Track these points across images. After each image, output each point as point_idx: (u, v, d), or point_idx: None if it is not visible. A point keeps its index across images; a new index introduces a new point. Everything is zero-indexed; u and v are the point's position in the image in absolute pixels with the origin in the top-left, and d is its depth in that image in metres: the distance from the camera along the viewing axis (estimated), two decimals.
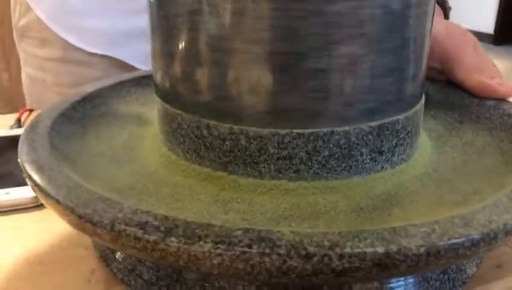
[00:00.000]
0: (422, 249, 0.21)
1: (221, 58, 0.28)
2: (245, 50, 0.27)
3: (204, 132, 0.29)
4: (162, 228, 0.22)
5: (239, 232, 0.22)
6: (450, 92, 0.42)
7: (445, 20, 0.46)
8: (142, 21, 0.35)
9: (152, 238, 0.22)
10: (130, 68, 0.59)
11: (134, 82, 0.44)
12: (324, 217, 0.27)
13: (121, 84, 0.43)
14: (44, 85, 0.60)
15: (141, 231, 0.22)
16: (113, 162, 0.33)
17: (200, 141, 0.30)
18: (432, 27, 0.31)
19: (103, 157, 0.33)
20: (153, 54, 0.32)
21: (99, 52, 0.58)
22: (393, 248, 0.21)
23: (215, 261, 0.21)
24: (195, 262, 0.22)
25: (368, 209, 0.27)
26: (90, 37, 0.57)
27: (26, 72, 0.62)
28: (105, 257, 0.31)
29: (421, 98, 0.32)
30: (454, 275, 0.29)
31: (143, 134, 0.36)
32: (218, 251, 0.21)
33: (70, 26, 0.57)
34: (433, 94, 0.42)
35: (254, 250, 0.21)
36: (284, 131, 0.28)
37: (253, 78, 0.28)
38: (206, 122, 0.29)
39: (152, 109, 0.35)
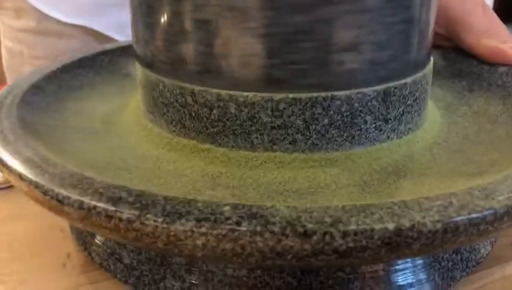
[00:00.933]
0: (438, 225, 0.18)
1: (206, 16, 0.25)
2: (234, 7, 0.24)
3: (189, 99, 0.26)
4: (138, 205, 0.19)
5: (226, 208, 0.19)
6: (457, 59, 0.39)
7: None
8: None
9: (125, 216, 0.19)
10: (107, 39, 0.56)
11: (118, 52, 0.40)
12: (324, 192, 0.24)
13: (104, 53, 0.40)
14: (21, 58, 0.57)
15: (113, 208, 0.19)
16: (90, 136, 0.30)
17: (185, 109, 0.27)
18: None
19: (79, 130, 0.30)
20: (132, 12, 0.29)
21: (74, 22, 0.55)
22: (406, 223, 0.18)
23: (198, 242, 0.18)
24: (176, 243, 0.19)
25: (372, 183, 0.24)
26: (64, 6, 0.54)
27: (5, 44, 0.59)
28: (83, 240, 0.29)
29: (429, 60, 0.29)
30: (468, 254, 0.27)
31: (125, 106, 0.33)
32: (202, 229, 0.18)
33: None
34: (438, 62, 0.38)
35: (244, 228, 0.18)
36: (279, 96, 0.25)
37: (243, 37, 0.24)
38: (190, 88, 0.26)
39: (136, 79, 0.32)
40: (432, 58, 0.30)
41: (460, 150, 0.28)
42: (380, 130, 0.27)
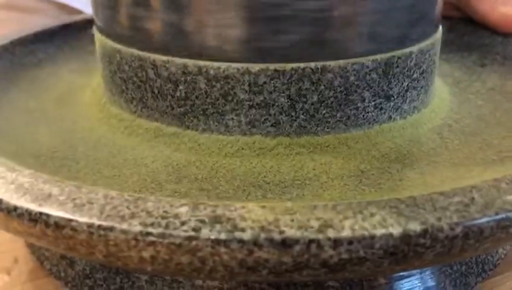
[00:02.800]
0: (458, 229, 0.14)
1: None
2: None
3: (150, 72, 0.22)
4: (70, 205, 0.15)
5: (183, 209, 0.14)
6: (465, 30, 0.34)
7: None
8: None
9: (53, 219, 0.15)
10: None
11: (82, 25, 0.36)
12: (312, 185, 0.20)
13: (66, 27, 0.35)
14: None
15: (38, 210, 0.15)
16: (40, 119, 0.25)
17: (146, 85, 0.22)
18: None
19: (26, 113, 0.26)
20: None
21: None
22: (416, 227, 0.14)
23: (145, 254, 0.14)
24: (118, 255, 0.14)
25: (372, 173, 0.20)
26: None
27: None
28: (31, 242, 0.24)
29: (438, 26, 0.25)
30: (484, 256, 0.23)
31: (85, 85, 0.29)
32: (150, 237, 0.14)
33: None
34: (445, 34, 0.34)
35: (204, 235, 0.14)
36: (257, 67, 0.20)
37: None
38: (151, 59, 0.21)
39: None
40: (440, 26, 0.26)
41: (475, 132, 0.24)
42: (381, 109, 0.22)
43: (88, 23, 0.36)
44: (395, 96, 0.23)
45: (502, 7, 0.32)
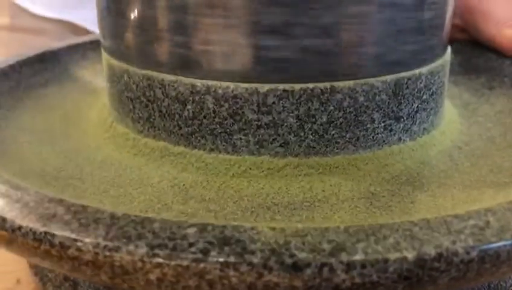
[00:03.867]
0: (474, 253, 0.14)
1: None
2: None
3: (158, 92, 0.22)
4: (75, 225, 0.15)
5: (191, 231, 0.14)
6: (473, 53, 0.34)
7: None
8: None
9: (58, 239, 0.14)
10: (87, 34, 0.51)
11: (92, 45, 0.36)
12: (322, 207, 0.19)
13: (76, 47, 0.35)
14: None
15: (43, 229, 0.15)
16: (46, 138, 0.25)
17: (154, 105, 0.22)
18: None
19: (32, 132, 0.25)
20: None
21: (52, 15, 0.51)
22: (430, 251, 0.14)
23: (152, 276, 0.14)
24: (124, 277, 0.14)
25: (382, 195, 0.20)
26: None
27: None
28: (34, 263, 0.24)
29: (447, 47, 0.25)
30: (497, 282, 0.22)
31: (91, 105, 0.29)
32: (157, 259, 0.14)
33: None
34: (452, 56, 0.34)
35: (213, 258, 0.13)
36: (266, 88, 0.20)
37: (220, 14, 0.20)
38: (159, 78, 0.21)
39: None
40: (449, 47, 0.26)
41: (486, 154, 0.23)
42: (390, 131, 0.22)
43: (94, 43, 0.36)
44: (405, 118, 0.22)
45: (509, 30, 0.32)
